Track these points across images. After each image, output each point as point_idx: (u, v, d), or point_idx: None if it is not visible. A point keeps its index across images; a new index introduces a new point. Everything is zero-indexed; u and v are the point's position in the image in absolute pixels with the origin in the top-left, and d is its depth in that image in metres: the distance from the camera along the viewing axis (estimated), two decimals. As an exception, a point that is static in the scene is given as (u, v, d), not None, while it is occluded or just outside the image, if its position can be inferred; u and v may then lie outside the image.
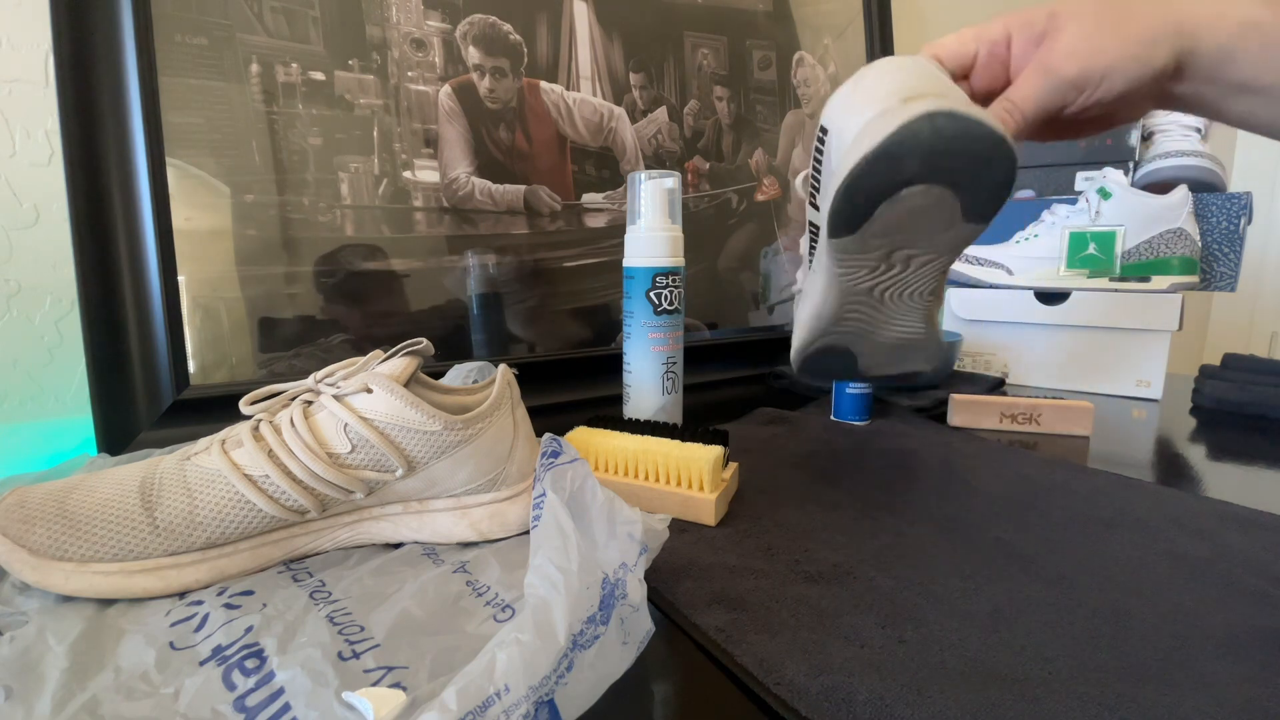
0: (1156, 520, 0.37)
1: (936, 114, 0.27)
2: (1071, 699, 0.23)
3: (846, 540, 0.35)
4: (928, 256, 0.34)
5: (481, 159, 0.59)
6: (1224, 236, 0.69)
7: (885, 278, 0.35)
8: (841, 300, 0.37)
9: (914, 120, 0.27)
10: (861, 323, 0.39)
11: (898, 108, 0.28)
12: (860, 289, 0.36)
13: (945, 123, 0.27)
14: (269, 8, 0.50)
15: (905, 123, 0.27)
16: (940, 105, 0.27)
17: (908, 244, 0.33)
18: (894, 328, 0.40)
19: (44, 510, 0.28)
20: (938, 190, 0.30)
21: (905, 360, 0.43)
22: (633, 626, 0.23)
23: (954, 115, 0.27)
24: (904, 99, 0.28)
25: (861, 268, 0.34)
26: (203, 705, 0.21)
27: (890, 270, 0.35)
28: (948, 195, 0.30)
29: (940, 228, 0.32)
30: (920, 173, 0.29)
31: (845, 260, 0.33)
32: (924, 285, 0.37)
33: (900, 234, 0.32)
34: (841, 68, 0.85)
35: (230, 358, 0.50)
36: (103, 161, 0.44)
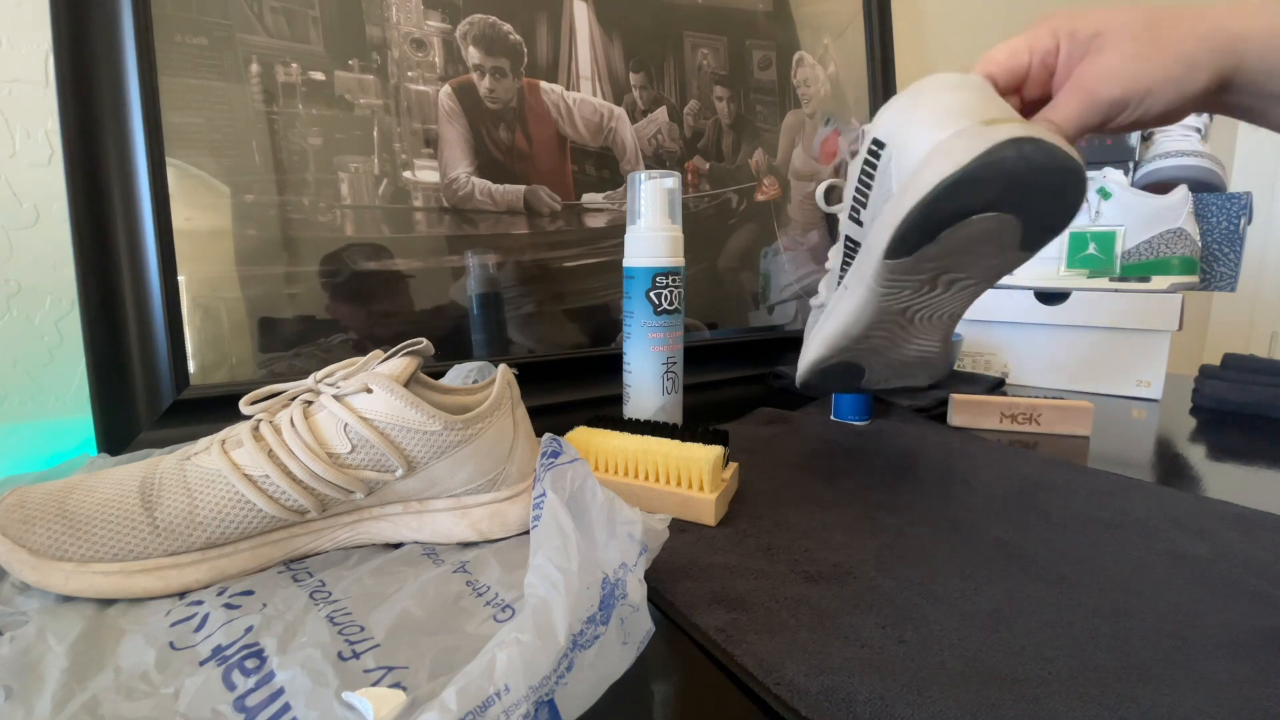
0: (1156, 520, 0.37)
1: (1024, 141, 0.26)
2: (1071, 699, 0.23)
3: (846, 540, 0.35)
4: (970, 281, 0.34)
5: (481, 159, 0.59)
6: (1224, 236, 0.69)
7: (923, 299, 0.35)
8: (874, 320, 0.36)
9: (1000, 146, 0.26)
10: (884, 341, 0.39)
11: (977, 130, 0.27)
12: (895, 309, 0.36)
13: (1031, 151, 0.26)
14: (269, 8, 0.50)
15: (991, 147, 0.26)
16: (1026, 132, 0.26)
17: (957, 268, 0.33)
18: (913, 346, 0.40)
19: (44, 510, 0.28)
20: (1007, 218, 0.29)
21: (910, 375, 0.44)
22: (633, 626, 0.23)
23: (1040, 144, 0.27)
24: (982, 121, 0.28)
25: (905, 288, 0.34)
26: (203, 705, 0.21)
27: (931, 292, 0.34)
28: (1013, 223, 0.30)
29: (993, 254, 0.32)
30: (996, 200, 0.28)
31: (892, 281, 0.33)
32: (955, 307, 0.37)
33: (954, 258, 0.32)
34: (841, 68, 0.85)
35: (230, 358, 0.50)
36: (103, 161, 0.44)
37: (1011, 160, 0.26)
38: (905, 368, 0.42)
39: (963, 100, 0.30)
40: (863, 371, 0.42)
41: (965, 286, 0.35)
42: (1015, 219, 0.30)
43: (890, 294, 0.34)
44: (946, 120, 0.29)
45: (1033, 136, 0.26)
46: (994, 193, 0.28)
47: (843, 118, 0.86)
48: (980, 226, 0.30)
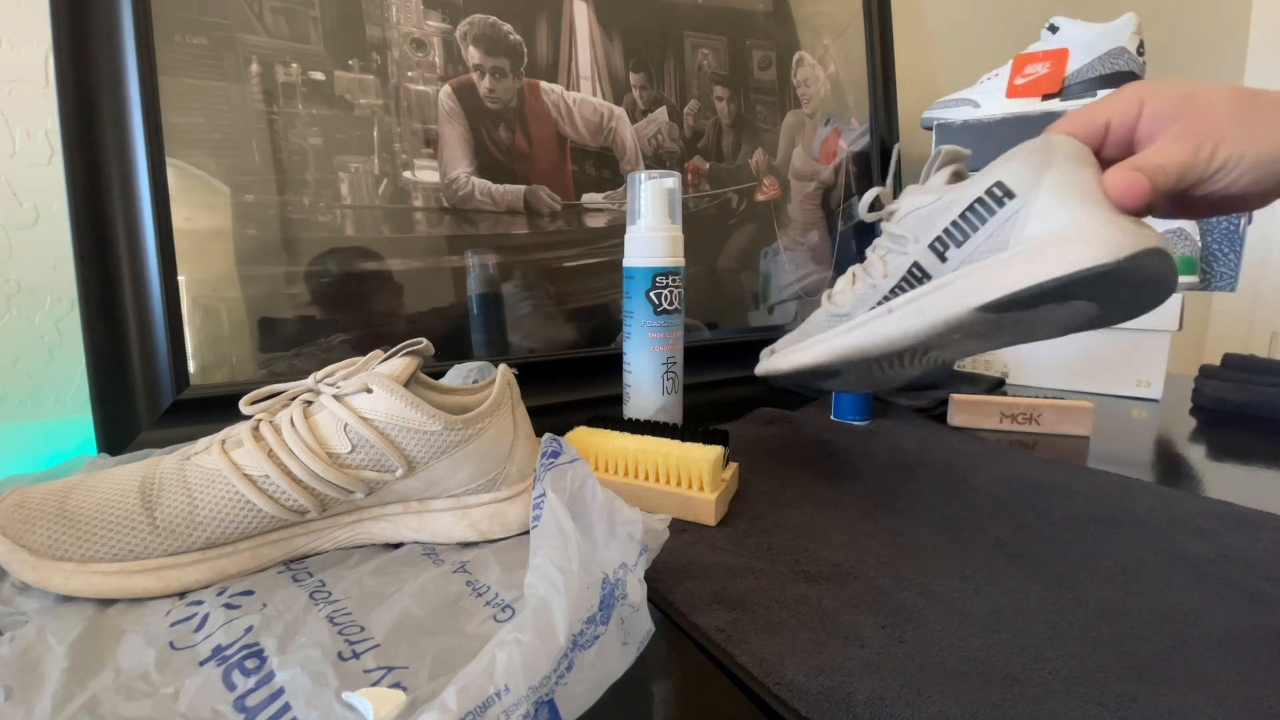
0: (1156, 520, 0.37)
1: (1161, 253, 0.28)
2: (1071, 699, 0.23)
3: (846, 540, 0.35)
4: (1002, 342, 0.35)
5: (481, 159, 0.59)
6: (1224, 236, 0.69)
7: (958, 345, 0.35)
8: (901, 349, 0.36)
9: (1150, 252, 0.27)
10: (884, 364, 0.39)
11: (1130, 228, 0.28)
12: (927, 345, 0.35)
13: (1161, 264, 0.28)
14: (269, 8, 0.50)
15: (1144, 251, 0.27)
16: (1164, 246, 0.28)
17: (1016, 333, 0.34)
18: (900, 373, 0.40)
19: (44, 510, 0.28)
20: (1095, 308, 0.31)
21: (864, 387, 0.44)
22: (633, 626, 0.23)
23: (1169, 260, 0.28)
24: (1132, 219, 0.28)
25: (958, 334, 0.34)
26: (203, 705, 0.21)
27: (972, 341, 0.35)
28: (1094, 311, 0.31)
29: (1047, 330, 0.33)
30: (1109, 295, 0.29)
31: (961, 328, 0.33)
32: (968, 354, 0.37)
33: (1024, 326, 0.33)
34: (841, 68, 0.85)
35: (230, 358, 0.50)
36: (103, 161, 0.44)
37: (1146, 270, 0.28)
38: (875, 383, 0.43)
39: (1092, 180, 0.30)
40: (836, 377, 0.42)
41: (998, 343, 0.35)
42: (1099, 309, 0.31)
43: (944, 335, 0.34)
44: (1089, 201, 0.29)
45: (1168, 253, 0.28)
46: (1116, 290, 0.29)
47: (843, 118, 0.86)
48: (1075, 310, 0.31)
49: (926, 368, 0.39)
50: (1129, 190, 0.29)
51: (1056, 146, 0.31)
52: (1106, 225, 0.28)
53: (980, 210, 0.32)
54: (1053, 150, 0.31)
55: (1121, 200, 0.29)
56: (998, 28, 1.07)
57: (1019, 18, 1.07)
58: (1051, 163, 0.31)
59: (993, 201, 0.32)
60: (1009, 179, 0.32)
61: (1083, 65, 0.74)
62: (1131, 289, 0.29)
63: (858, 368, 0.39)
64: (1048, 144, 0.32)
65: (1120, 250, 0.27)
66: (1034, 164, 0.31)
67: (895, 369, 0.39)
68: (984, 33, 1.06)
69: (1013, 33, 0.98)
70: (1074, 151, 0.31)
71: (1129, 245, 0.27)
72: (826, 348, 0.39)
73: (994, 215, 0.32)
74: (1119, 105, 0.31)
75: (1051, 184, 0.30)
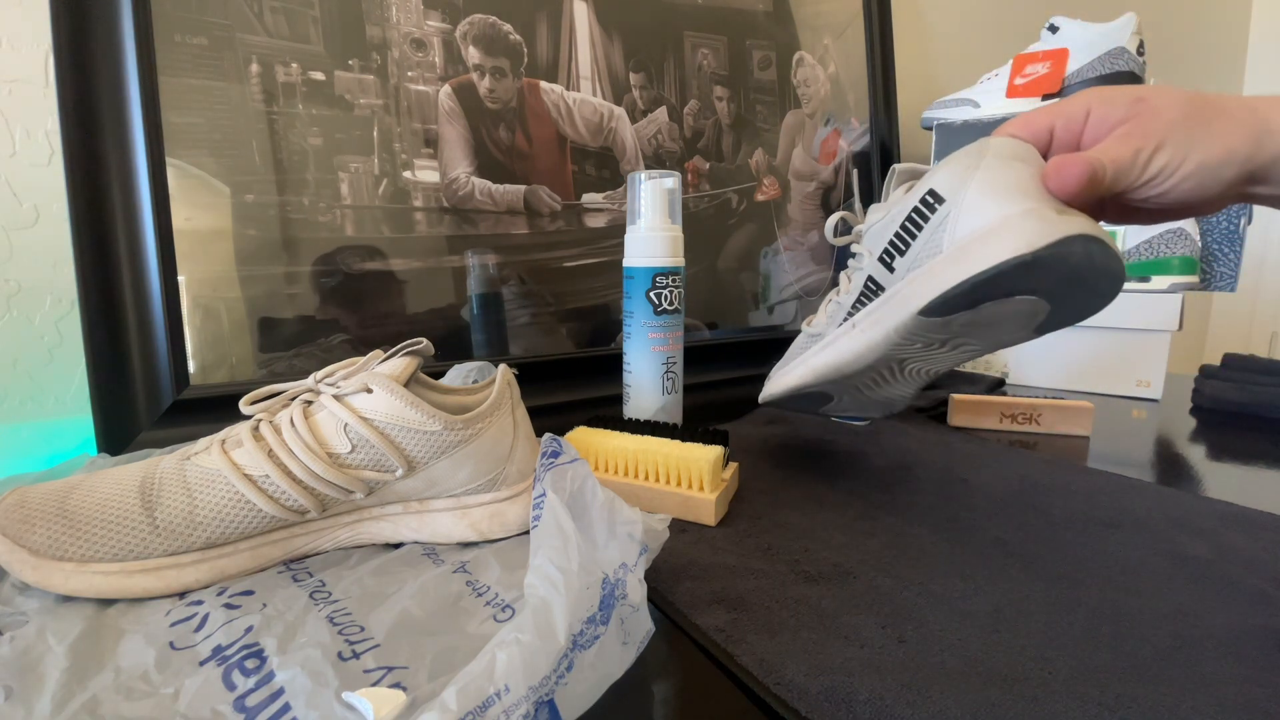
0: (1156, 520, 0.37)
1: (1092, 240, 0.27)
2: (1071, 699, 0.23)
3: (846, 540, 0.35)
4: (976, 348, 0.35)
5: (481, 159, 0.59)
6: (1224, 236, 0.69)
7: (926, 355, 0.35)
8: (873, 364, 0.36)
9: (1072, 239, 0.27)
10: (868, 382, 0.39)
11: (1050, 216, 0.28)
12: (897, 358, 0.36)
13: (1097, 251, 0.27)
14: (269, 8, 0.50)
15: (1064, 238, 0.27)
16: (1095, 232, 0.27)
17: (975, 337, 0.34)
18: (890, 390, 0.40)
19: (44, 510, 0.28)
20: (1043, 304, 0.30)
21: (869, 410, 0.45)
22: (633, 626, 0.23)
23: (1105, 246, 0.27)
24: (1057, 209, 0.28)
25: (918, 343, 0.34)
26: (203, 705, 0.21)
27: (939, 350, 0.35)
28: (1045, 308, 0.31)
29: (1011, 331, 0.33)
30: (1046, 286, 0.29)
31: (913, 335, 0.33)
32: (947, 366, 0.37)
33: (980, 329, 0.33)
34: (841, 68, 0.85)
35: (230, 358, 0.50)
36: (103, 161, 0.44)
37: (1077, 256, 0.27)
38: (870, 405, 0.43)
39: (1029, 176, 0.30)
40: (829, 399, 0.43)
41: (970, 351, 0.35)
42: (1049, 306, 0.31)
43: (903, 346, 0.34)
44: (1013, 195, 0.29)
45: (1101, 239, 0.27)
46: (1048, 281, 0.29)
47: (843, 118, 0.86)
48: (1019, 306, 0.30)
49: (915, 382, 0.39)
50: (1061, 169, 0.28)
51: (988, 147, 0.32)
52: (1029, 217, 0.28)
53: (916, 219, 0.33)
54: (984, 151, 0.32)
55: (1058, 181, 0.29)
56: (998, 28, 1.07)
57: (1019, 18, 1.07)
58: (980, 163, 0.31)
59: (925, 209, 0.32)
60: (939, 185, 0.32)
61: (1083, 65, 0.74)
62: (1069, 281, 0.29)
63: (844, 388, 0.40)
64: (981, 146, 0.32)
65: (1039, 239, 0.27)
66: (963, 167, 0.32)
67: (884, 386, 0.40)
68: (984, 33, 1.06)
69: (1013, 33, 0.98)
70: (1006, 149, 0.31)
71: (1049, 234, 0.27)
72: (805, 369, 0.40)
73: (928, 222, 0.32)
74: (1065, 110, 0.31)
75: (979, 183, 0.30)
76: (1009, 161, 0.31)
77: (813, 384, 0.40)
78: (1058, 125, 0.31)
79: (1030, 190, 0.29)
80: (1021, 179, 0.30)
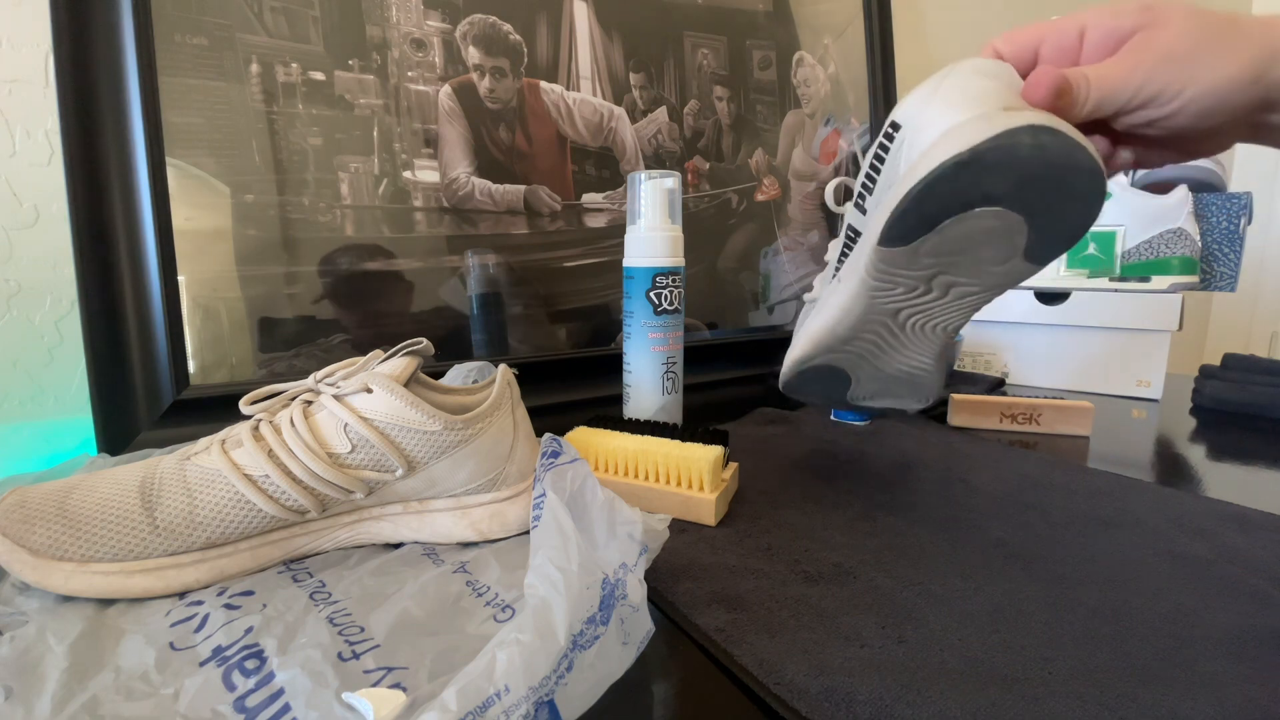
0: (1156, 520, 0.37)
1: (1041, 129, 0.24)
2: (1071, 699, 0.23)
3: (846, 540, 0.35)
4: (970, 289, 0.32)
5: (481, 159, 0.59)
6: (1224, 236, 0.69)
7: (918, 302, 0.33)
8: (863, 318, 0.34)
9: (1015, 130, 0.24)
10: (872, 346, 0.37)
11: (996, 114, 0.25)
12: (887, 309, 0.33)
13: (1050, 141, 0.24)
14: (269, 8, 0.50)
15: (1005, 130, 0.24)
16: (1046, 121, 0.24)
17: (955, 270, 0.31)
18: (903, 358, 0.37)
19: (44, 510, 0.28)
20: (1013, 217, 0.27)
21: (898, 394, 0.41)
22: (633, 627, 0.23)
23: (1060, 135, 0.24)
24: (1004, 107, 0.26)
25: (898, 286, 0.32)
26: (203, 705, 0.21)
27: (926, 295, 0.32)
28: (1019, 224, 0.28)
29: (996, 260, 0.30)
30: (1004, 191, 0.26)
31: (885, 274, 0.31)
32: (950, 320, 0.34)
33: (953, 257, 0.30)
34: (841, 68, 0.85)
35: (230, 358, 0.50)
36: (103, 161, 0.44)
37: (1025, 148, 0.24)
38: (893, 383, 0.40)
39: (988, 87, 0.28)
40: (848, 382, 0.40)
41: (964, 294, 0.33)
42: (1022, 219, 0.27)
43: (882, 290, 0.32)
44: (966, 104, 0.27)
45: (1053, 128, 0.24)
46: (1002, 184, 0.26)
47: (843, 118, 0.86)
48: (982, 222, 0.27)
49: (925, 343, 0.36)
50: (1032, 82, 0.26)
51: (952, 69, 0.30)
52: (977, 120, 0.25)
53: (880, 153, 0.31)
54: (946, 74, 0.29)
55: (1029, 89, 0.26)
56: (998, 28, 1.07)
57: (1019, 18, 1.07)
58: (942, 85, 0.29)
59: (886, 140, 0.30)
60: (898, 113, 0.30)
61: (1083, 65, 0.74)
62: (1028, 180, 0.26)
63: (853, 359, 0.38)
64: (945, 70, 0.30)
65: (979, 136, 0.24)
66: (924, 91, 0.30)
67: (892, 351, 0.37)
68: (984, 33, 1.06)
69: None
70: (970, 66, 0.29)
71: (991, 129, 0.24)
72: (804, 338, 0.38)
73: (889, 153, 0.30)
74: (1056, 26, 0.29)
75: (938, 101, 0.28)
76: (971, 76, 0.29)
77: (814, 354, 0.37)
78: (1046, 43, 0.29)
79: (988, 99, 0.27)
80: (981, 89, 0.28)
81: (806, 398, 0.44)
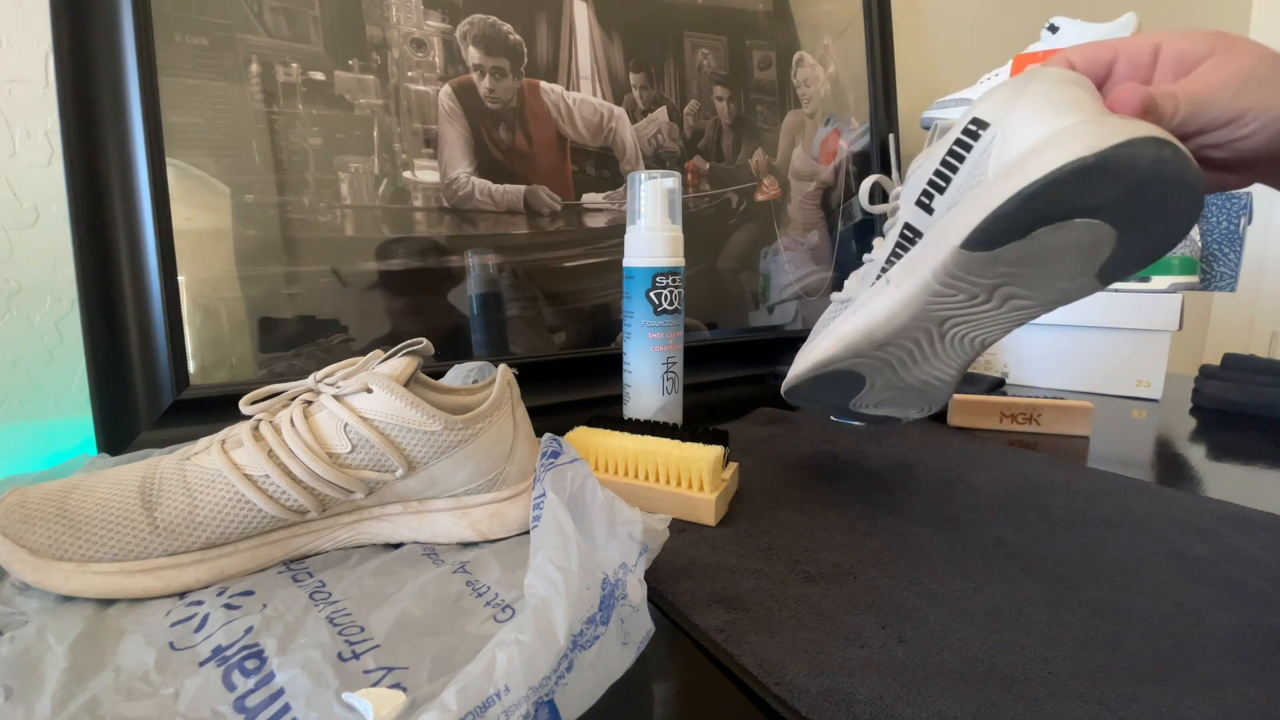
0: (1156, 520, 0.37)
1: (1164, 143, 0.24)
2: (1071, 699, 0.23)
3: (846, 540, 0.35)
4: (1027, 302, 0.31)
5: (481, 159, 0.59)
6: (1224, 236, 0.69)
7: (969, 311, 0.32)
8: (909, 324, 0.33)
9: (1141, 141, 0.23)
10: (904, 354, 0.35)
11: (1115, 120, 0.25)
12: (936, 316, 0.32)
13: (1170, 156, 0.24)
14: (269, 8, 0.50)
15: (1132, 139, 0.23)
16: (1165, 136, 0.24)
17: (1023, 282, 0.30)
18: (929, 368, 0.36)
19: (44, 510, 0.28)
20: (1106, 230, 0.27)
21: (904, 404, 0.40)
22: (633, 627, 0.23)
23: (1179, 151, 0.24)
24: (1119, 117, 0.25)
25: (960, 293, 0.30)
26: (203, 705, 0.21)
27: (984, 305, 0.31)
28: (1110, 239, 0.27)
29: (1068, 275, 0.29)
30: (1110, 202, 0.25)
31: (955, 279, 0.29)
32: (993, 333, 0.33)
33: (1029, 268, 0.29)
34: (841, 68, 0.85)
35: (230, 358, 0.50)
36: (103, 161, 0.44)
37: (1148, 159, 0.24)
38: (906, 393, 0.39)
39: (1080, 96, 0.27)
40: (860, 388, 0.39)
41: (1020, 307, 0.31)
42: (1115, 234, 0.27)
43: (944, 295, 0.30)
44: (1066, 109, 0.26)
45: (1173, 143, 0.24)
46: (1115, 193, 0.25)
47: (843, 118, 0.86)
48: (1076, 234, 0.27)
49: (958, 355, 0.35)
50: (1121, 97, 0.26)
51: (1038, 73, 0.29)
52: (1090, 123, 0.25)
53: (958, 150, 0.30)
54: (1032, 77, 0.29)
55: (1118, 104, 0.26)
56: (998, 28, 1.07)
57: (1019, 18, 1.07)
58: (1029, 86, 0.28)
59: (968, 138, 0.29)
60: (983, 112, 0.29)
61: (1083, 65, 0.74)
62: (1138, 194, 0.25)
63: (877, 365, 0.36)
64: (1029, 73, 0.29)
65: (1103, 141, 0.24)
66: (1010, 91, 0.29)
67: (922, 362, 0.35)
68: (984, 33, 1.06)
69: (1013, 33, 0.98)
70: (1058, 74, 0.29)
71: (1114, 135, 0.24)
72: (832, 340, 0.36)
73: (971, 151, 0.29)
74: (1130, 45, 0.29)
75: (1028, 103, 0.28)
76: (1061, 84, 0.28)
77: (840, 357, 0.35)
78: (1120, 60, 0.29)
79: (1087, 106, 0.26)
80: (1076, 97, 0.27)
81: (806, 404, 0.42)
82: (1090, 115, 0.26)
